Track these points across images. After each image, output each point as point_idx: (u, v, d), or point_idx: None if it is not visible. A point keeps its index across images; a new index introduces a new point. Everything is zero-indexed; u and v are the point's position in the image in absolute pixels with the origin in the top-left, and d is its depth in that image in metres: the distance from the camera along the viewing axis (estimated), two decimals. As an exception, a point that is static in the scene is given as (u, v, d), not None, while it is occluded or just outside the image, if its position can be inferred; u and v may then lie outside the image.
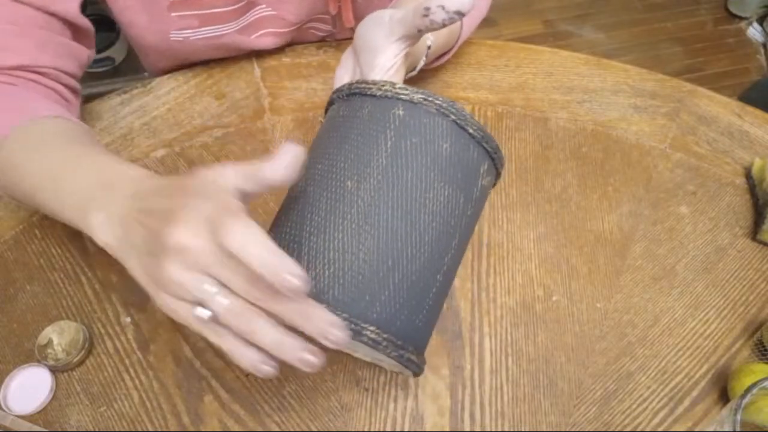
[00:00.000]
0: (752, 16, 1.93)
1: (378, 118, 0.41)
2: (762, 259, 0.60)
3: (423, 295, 0.40)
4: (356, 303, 0.38)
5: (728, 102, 0.70)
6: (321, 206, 0.40)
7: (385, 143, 0.40)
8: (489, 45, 0.73)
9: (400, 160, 0.40)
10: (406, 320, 0.40)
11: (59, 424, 0.50)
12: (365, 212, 0.39)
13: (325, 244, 0.38)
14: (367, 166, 0.40)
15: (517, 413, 0.52)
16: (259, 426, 0.50)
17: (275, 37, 0.68)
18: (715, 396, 0.52)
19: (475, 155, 0.42)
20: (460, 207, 0.41)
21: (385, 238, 0.39)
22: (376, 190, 0.39)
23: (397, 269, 0.39)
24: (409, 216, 0.39)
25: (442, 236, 0.41)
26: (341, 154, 0.41)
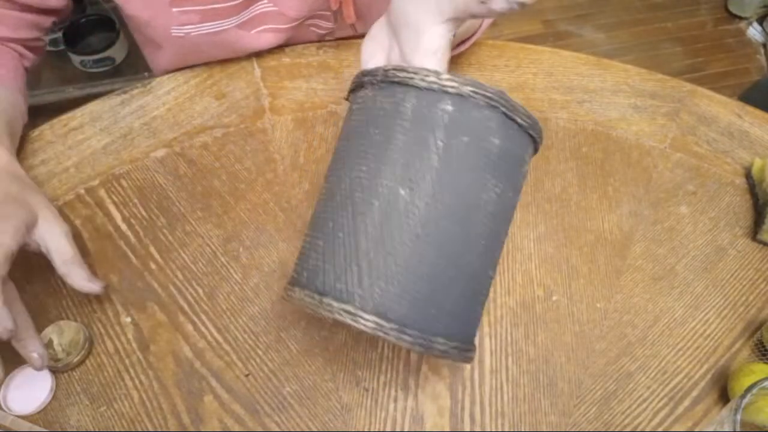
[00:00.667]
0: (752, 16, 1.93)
1: (425, 115, 0.38)
2: (762, 259, 0.60)
3: (480, 296, 0.41)
4: (423, 318, 0.37)
5: (728, 102, 0.70)
6: (374, 216, 0.38)
7: (436, 144, 0.38)
8: (489, 45, 0.73)
9: (453, 162, 0.37)
10: (468, 322, 0.40)
11: (59, 424, 0.50)
12: (423, 222, 0.37)
13: (386, 259, 0.37)
14: (418, 171, 0.37)
15: (517, 413, 0.52)
16: (259, 426, 0.50)
17: (276, 33, 0.68)
18: (715, 396, 0.52)
19: (523, 144, 0.40)
20: (509, 200, 0.40)
21: (446, 249, 0.37)
22: (431, 196, 0.37)
23: (459, 278, 0.38)
24: (467, 221, 0.38)
25: (496, 233, 0.40)
26: (388, 157, 0.38)
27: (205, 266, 0.57)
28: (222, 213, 0.60)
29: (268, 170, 0.63)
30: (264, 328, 0.54)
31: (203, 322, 0.54)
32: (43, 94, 1.45)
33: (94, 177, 0.62)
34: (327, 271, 0.39)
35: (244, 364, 0.53)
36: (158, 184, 0.62)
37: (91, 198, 0.61)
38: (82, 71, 1.50)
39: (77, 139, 0.64)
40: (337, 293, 0.38)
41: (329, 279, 0.39)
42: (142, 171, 0.63)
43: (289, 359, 0.53)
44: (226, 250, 0.58)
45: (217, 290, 0.56)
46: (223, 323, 0.54)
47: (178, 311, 0.55)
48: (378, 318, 0.37)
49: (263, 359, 0.53)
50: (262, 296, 0.56)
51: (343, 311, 0.37)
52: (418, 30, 0.42)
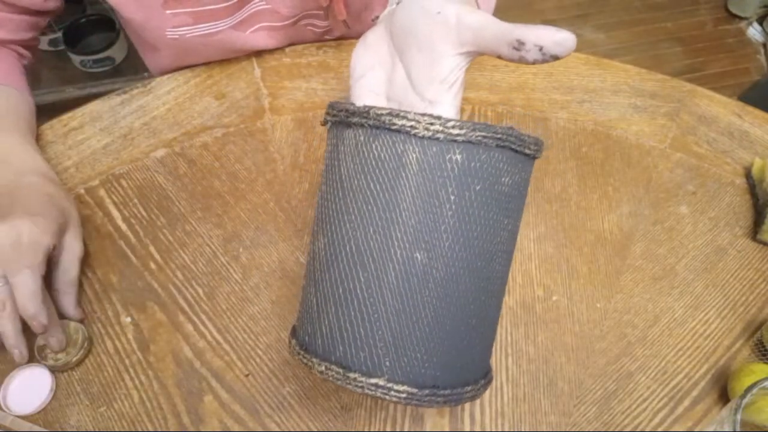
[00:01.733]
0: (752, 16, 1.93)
1: (433, 169, 0.34)
2: (762, 259, 0.60)
3: (489, 336, 0.40)
4: (454, 375, 0.37)
5: (728, 102, 0.70)
6: (392, 284, 0.35)
7: (448, 199, 0.35)
8: (489, 45, 0.73)
9: (467, 215, 0.35)
10: (488, 354, 0.41)
11: (59, 424, 0.50)
12: (443, 285, 0.35)
13: (409, 327, 0.35)
14: (433, 231, 0.35)
15: (517, 413, 0.52)
16: (259, 426, 0.50)
17: (270, 32, 0.68)
18: (715, 396, 0.52)
19: (528, 169, 0.39)
20: (515, 231, 0.39)
21: (468, 303, 0.36)
22: (451, 258, 0.35)
23: (482, 325, 0.38)
24: (485, 269, 0.36)
25: (505, 274, 0.39)
26: (397, 218, 0.35)
27: (205, 266, 0.57)
28: (222, 213, 0.60)
29: (268, 170, 0.63)
30: (264, 328, 0.54)
31: (203, 322, 0.54)
32: (43, 94, 1.45)
33: (94, 177, 0.62)
34: (346, 341, 0.36)
35: (244, 364, 0.53)
36: (158, 184, 0.62)
37: (91, 198, 0.61)
38: (82, 71, 1.50)
39: (77, 139, 0.64)
40: (364, 367, 0.36)
41: (350, 351, 0.36)
42: (142, 171, 0.63)
43: (289, 359, 0.53)
44: (226, 250, 0.58)
45: (217, 290, 0.56)
46: (223, 323, 0.54)
47: (178, 311, 0.55)
48: (410, 387, 0.35)
49: (263, 359, 0.53)
50: (262, 296, 0.56)
51: (373, 386, 0.35)
52: (433, 56, 0.37)
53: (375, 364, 0.36)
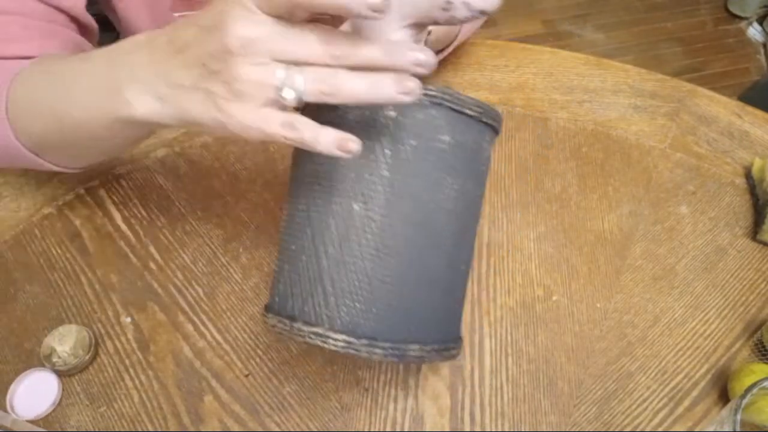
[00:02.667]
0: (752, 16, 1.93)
1: (368, 124, 0.37)
2: (762, 259, 0.60)
3: (454, 292, 0.40)
4: (394, 328, 0.37)
5: (728, 102, 0.70)
6: (333, 235, 0.37)
7: (383, 152, 0.37)
8: (489, 45, 0.73)
9: (404, 167, 0.37)
10: (444, 321, 0.40)
11: (59, 424, 0.50)
12: (380, 234, 0.37)
13: (348, 276, 0.37)
14: (370, 183, 0.37)
15: (517, 413, 0.52)
16: (259, 426, 0.50)
17: None
18: (715, 396, 0.52)
19: (477, 133, 0.40)
20: (471, 193, 0.40)
21: (407, 255, 0.37)
22: (386, 207, 0.37)
23: (427, 281, 0.38)
24: (426, 224, 0.38)
25: (462, 229, 0.40)
26: (338, 173, 0.38)
27: (205, 266, 0.57)
28: (222, 213, 0.60)
29: (268, 170, 0.63)
30: (264, 328, 0.54)
31: (203, 322, 0.54)
32: (43, 94, 1.45)
33: (94, 177, 0.62)
34: (295, 295, 0.39)
35: (244, 364, 0.53)
36: (158, 184, 0.62)
37: (91, 198, 0.61)
38: (82, 71, 1.50)
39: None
40: (306, 317, 0.38)
41: (297, 303, 0.39)
42: (142, 171, 0.63)
43: (289, 359, 0.53)
44: (226, 250, 0.58)
45: (217, 290, 0.56)
46: (223, 323, 0.54)
47: (178, 311, 0.55)
48: (347, 336, 0.37)
49: (263, 359, 0.53)
50: (262, 296, 0.56)
51: (312, 334, 0.37)
52: (379, 36, 0.39)
53: (317, 313, 0.38)
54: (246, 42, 0.31)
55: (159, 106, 0.36)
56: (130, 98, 0.37)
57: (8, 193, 0.61)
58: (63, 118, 0.43)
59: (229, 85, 0.32)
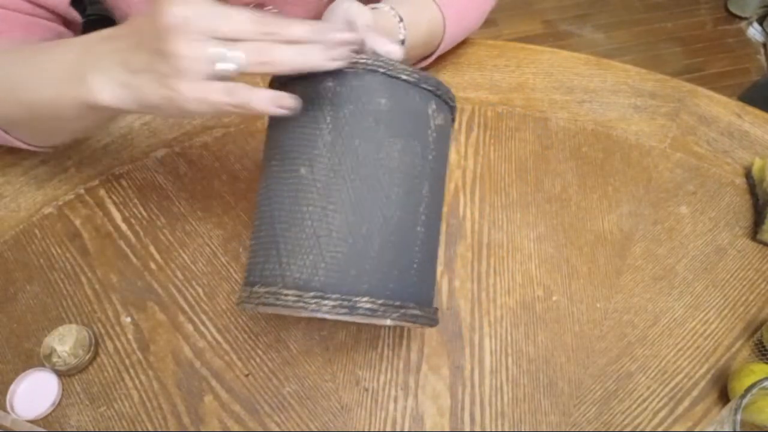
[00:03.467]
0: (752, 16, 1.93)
1: (311, 96, 0.41)
2: (762, 259, 0.60)
3: (408, 251, 0.41)
4: (343, 281, 0.39)
5: (728, 102, 0.70)
6: (284, 200, 0.40)
7: (324, 119, 0.40)
8: (489, 45, 0.73)
9: (344, 130, 0.40)
10: (399, 279, 0.40)
11: (59, 424, 0.50)
12: (326, 193, 0.39)
13: (298, 235, 0.39)
14: (314, 148, 0.40)
15: (517, 413, 0.52)
16: (259, 426, 0.50)
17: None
18: (715, 396, 0.52)
19: (417, 99, 0.42)
20: (418, 155, 0.42)
21: (353, 211, 0.39)
22: (329, 168, 0.40)
23: (374, 236, 0.40)
24: (369, 181, 0.40)
25: (409, 189, 0.41)
26: (288, 142, 0.41)
27: (205, 266, 0.57)
28: (222, 213, 0.60)
29: (268, 170, 0.63)
30: (264, 328, 0.54)
31: (203, 322, 0.54)
32: (43, 94, 1.45)
33: (94, 177, 0.62)
34: (256, 264, 0.42)
35: (244, 364, 0.53)
36: (158, 184, 0.62)
37: (91, 198, 0.61)
38: (82, 71, 1.50)
39: (77, 139, 0.64)
40: (263, 280, 0.40)
41: (257, 270, 0.41)
42: (142, 171, 0.63)
43: (289, 359, 0.53)
44: (226, 250, 0.58)
45: (217, 290, 0.56)
46: (223, 323, 0.54)
47: (178, 311, 0.55)
48: (297, 291, 0.38)
49: (263, 359, 0.53)
50: (262, 296, 0.56)
51: (267, 294, 0.39)
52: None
53: (272, 274, 0.40)
54: (181, 21, 0.34)
55: (120, 92, 0.39)
56: (94, 86, 0.39)
57: (8, 193, 0.61)
58: (31, 100, 0.45)
59: (171, 62, 0.35)
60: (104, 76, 0.39)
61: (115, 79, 0.39)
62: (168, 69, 0.35)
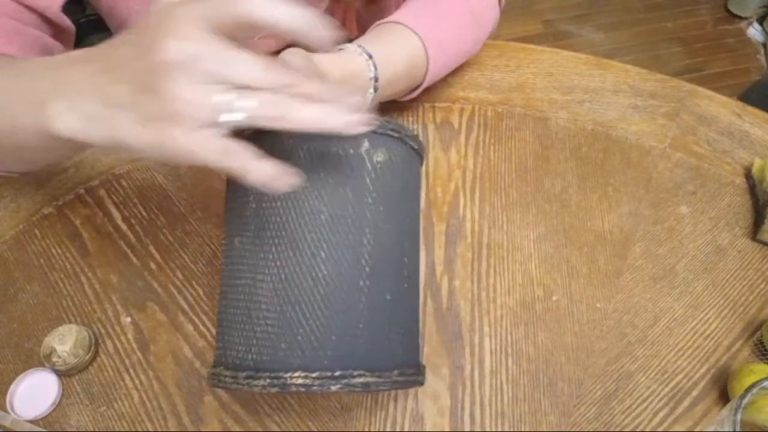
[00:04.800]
0: (752, 16, 1.93)
1: None
2: (762, 259, 0.60)
3: (350, 311, 0.37)
4: (275, 357, 0.35)
5: (728, 102, 0.70)
6: (226, 275, 0.39)
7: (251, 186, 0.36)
8: (489, 45, 0.73)
9: (266, 195, 0.37)
10: (339, 345, 0.36)
11: (59, 424, 0.50)
12: (254, 263, 0.37)
13: (234, 311, 0.38)
14: (242, 217, 0.38)
15: (517, 413, 0.52)
16: (259, 426, 0.50)
17: (278, 41, 0.68)
18: (715, 396, 0.52)
19: (344, 142, 0.38)
20: (350, 202, 0.38)
21: (279, 278, 0.36)
22: (255, 236, 0.37)
23: (303, 301, 0.36)
24: (293, 242, 0.36)
25: (343, 241, 0.37)
26: (229, 216, 0.40)
27: (205, 266, 0.57)
28: (222, 213, 0.60)
29: (268, 170, 0.63)
30: (264, 328, 0.54)
31: (203, 322, 0.54)
32: (43, 94, 1.45)
33: (94, 177, 0.62)
34: (216, 341, 0.41)
35: (244, 364, 0.53)
36: (158, 184, 0.62)
37: (91, 198, 0.61)
38: (82, 71, 1.50)
39: (77, 139, 0.64)
40: (215, 359, 0.40)
41: (217, 349, 0.41)
42: (142, 171, 0.63)
43: (289, 359, 0.53)
44: (226, 250, 0.58)
45: (217, 290, 0.56)
46: (223, 323, 0.54)
47: (178, 311, 0.55)
48: (234, 371, 0.37)
49: (263, 359, 0.53)
50: (262, 296, 0.56)
51: (212, 375, 0.39)
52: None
53: (218, 354, 0.39)
54: (185, 59, 0.29)
55: (85, 124, 0.33)
56: (54, 114, 0.34)
57: (8, 193, 0.61)
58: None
59: (165, 104, 0.30)
60: (69, 104, 0.34)
61: (81, 109, 0.33)
62: (158, 111, 0.30)
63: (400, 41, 0.57)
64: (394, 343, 0.39)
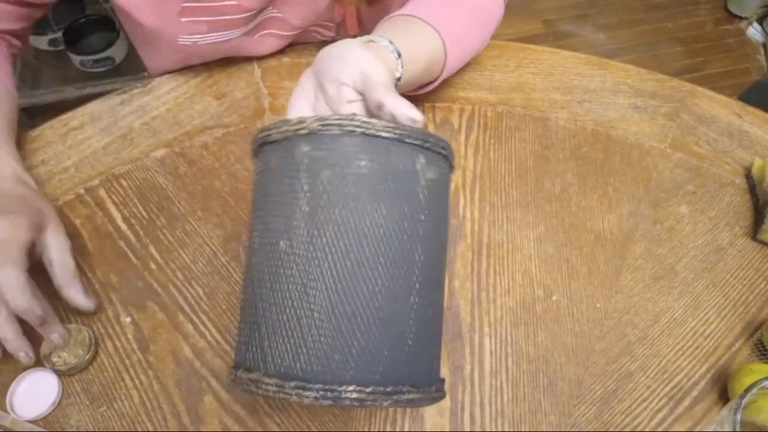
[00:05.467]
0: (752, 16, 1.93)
1: (287, 163, 0.38)
2: (762, 259, 0.60)
3: (401, 326, 0.37)
4: (327, 368, 0.35)
5: (728, 102, 0.70)
6: (265, 277, 0.38)
7: (302, 188, 0.37)
8: (489, 45, 0.73)
9: (321, 198, 0.36)
10: (390, 361, 0.36)
11: (59, 424, 0.50)
12: (306, 269, 0.36)
13: (279, 316, 0.36)
14: (292, 219, 0.37)
15: (517, 413, 0.52)
16: (259, 426, 0.50)
17: (277, 39, 0.68)
18: (715, 396, 0.52)
19: (402, 156, 0.38)
20: (407, 217, 0.38)
21: (335, 287, 0.36)
22: (308, 241, 0.36)
23: (359, 314, 0.36)
24: (351, 253, 0.36)
25: (398, 257, 0.37)
26: (268, 215, 0.38)
27: (205, 266, 0.57)
28: (222, 213, 0.60)
29: (268, 170, 0.63)
30: (264, 328, 0.54)
31: (203, 322, 0.54)
32: (43, 94, 1.45)
33: (94, 177, 0.62)
34: (241, 343, 0.39)
35: (244, 364, 0.53)
36: (158, 184, 0.62)
37: (91, 198, 0.61)
38: (82, 71, 1.50)
39: (77, 139, 0.64)
40: (246, 363, 0.38)
41: (242, 351, 0.39)
42: (142, 171, 0.63)
43: (289, 359, 0.53)
44: (226, 250, 0.58)
45: (217, 290, 0.56)
46: (223, 323, 0.54)
47: (178, 311, 0.55)
48: (279, 379, 0.35)
49: (263, 359, 0.53)
50: (262, 296, 0.56)
51: (249, 381, 0.37)
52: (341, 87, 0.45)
53: (254, 359, 0.37)
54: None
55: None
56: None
57: (8, 193, 0.61)
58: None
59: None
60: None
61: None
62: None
63: (422, 38, 0.56)
64: (434, 359, 0.40)
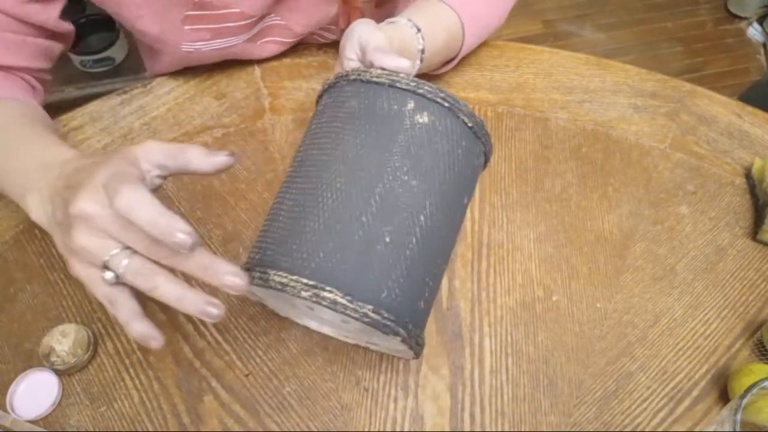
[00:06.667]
0: (752, 16, 1.93)
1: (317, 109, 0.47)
2: (762, 259, 0.60)
3: (344, 235, 0.40)
4: (264, 256, 0.41)
5: (728, 102, 0.70)
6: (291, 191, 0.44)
7: (316, 123, 0.46)
8: (489, 45, 0.73)
9: (316, 136, 0.45)
10: (323, 261, 0.39)
11: (59, 424, 0.50)
12: (287, 185, 0.44)
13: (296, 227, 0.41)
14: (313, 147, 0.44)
15: (517, 413, 0.52)
16: (259, 426, 0.50)
17: (279, 45, 0.69)
18: (715, 396, 0.52)
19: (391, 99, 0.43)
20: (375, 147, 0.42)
21: (302, 191, 0.42)
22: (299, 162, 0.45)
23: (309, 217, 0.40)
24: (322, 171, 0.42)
25: (360, 180, 0.41)
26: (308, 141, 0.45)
27: (205, 266, 0.57)
28: (222, 213, 0.60)
29: (268, 170, 0.63)
30: (264, 328, 0.54)
31: (203, 322, 0.54)
32: (43, 94, 1.45)
33: (94, 177, 0.62)
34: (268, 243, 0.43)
35: (244, 364, 0.53)
36: (158, 184, 0.62)
37: (91, 198, 0.61)
38: (82, 71, 1.50)
39: (77, 139, 0.64)
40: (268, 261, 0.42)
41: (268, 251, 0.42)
42: (142, 171, 0.63)
43: (289, 359, 0.53)
44: (226, 250, 0.58)
45: (217, 290, 0.56)
46: (223, 323, 0.54)
47: (178, 311, 0.55)
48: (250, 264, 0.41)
49: (263, 359, 0.53)
50: (262, 296, 0.56)
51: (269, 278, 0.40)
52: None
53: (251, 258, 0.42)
54: (82, 215, 0.36)
55: (45, 222, 0.42)
56: (30, 204, 0.43)
57: (8, 193, 0.61)
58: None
59: (69, 241, 0.37)
60: (37, 201, 0.42)
61: (42, 208, 0.42)
62: (66, 240, 0.38)
63: (439, 15, 0.60)
64: (380, 283, 0.40)
